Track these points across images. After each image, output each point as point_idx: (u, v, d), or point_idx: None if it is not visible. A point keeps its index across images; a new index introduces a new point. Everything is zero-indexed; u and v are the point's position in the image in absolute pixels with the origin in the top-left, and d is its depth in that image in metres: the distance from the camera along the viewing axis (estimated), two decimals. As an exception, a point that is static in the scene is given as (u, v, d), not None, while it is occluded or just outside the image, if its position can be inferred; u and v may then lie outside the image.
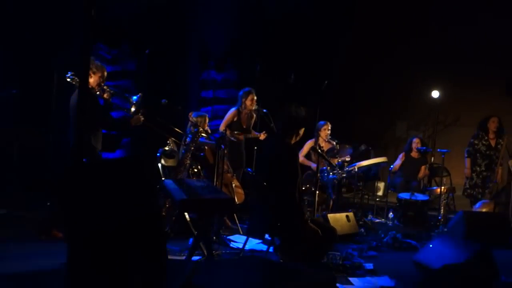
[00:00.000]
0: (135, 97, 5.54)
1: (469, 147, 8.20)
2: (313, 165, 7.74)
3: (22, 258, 4.82)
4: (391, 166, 8.42)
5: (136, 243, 2.70)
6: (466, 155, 8.22)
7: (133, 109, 5.51)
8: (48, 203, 6.34)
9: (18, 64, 7.52)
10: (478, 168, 8.10)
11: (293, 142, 4.94)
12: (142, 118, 5.58)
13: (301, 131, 4.96)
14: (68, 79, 5.38)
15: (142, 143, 7.64)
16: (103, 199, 2.72)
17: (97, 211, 2.71)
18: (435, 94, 9.73)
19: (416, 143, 8.45)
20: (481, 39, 10.01)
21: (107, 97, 5.54)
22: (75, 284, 2.59)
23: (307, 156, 7.96)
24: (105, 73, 5.57)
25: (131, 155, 8.03)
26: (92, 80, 5.45)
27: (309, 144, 7.97)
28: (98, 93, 5.49)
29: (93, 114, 5.29)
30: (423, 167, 8.46)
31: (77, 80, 5.17)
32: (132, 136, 8.04)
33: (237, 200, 6.49)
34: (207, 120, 6.59)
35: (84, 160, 4.09)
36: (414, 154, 8.46)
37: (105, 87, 5.54)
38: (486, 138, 8.10)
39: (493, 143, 8.09)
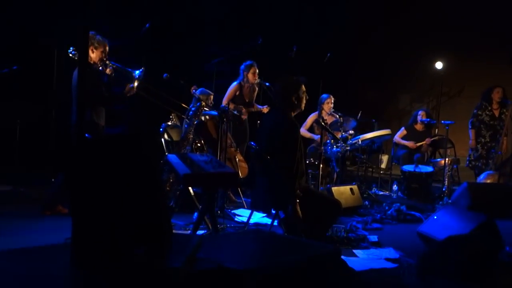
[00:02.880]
0: (137, 72, 5.50)
1: (473, 118, 8.16)
2: (316, 137, 7.74)
3: (27, 233, 4.85)
4: (395, 137, 8.40)
5: (141, 218, 2.70)
6: (470, 126, 8.19)
7: (136, 83, 5.47)
8: (53, 179, 6.37)
9: (19, 40, 7.47)
10: (482, 139, 8.07)
11: (297, 109, 4.79)
12: (135, 89, 5.51)
13: (301, 102, 4.75)
14: (71, 55, 5.35)
15: (145, 118, 7.62)
16: (106, 175, 2.72)
17: (101, 186, 2.70)
18: (439, 65, 9.67)
19: (421, 115, 8.40)
20: (484, 10, 9.90)
21: (110, 72, 5.51)
22: (80, 258, 2.59)
23: (311, 129, 7.94)
24: (107, 48, 5.53)
25: (134, 130, 8.03)
26: (94, 55, 5.42)
27: (312, 117, 7.95)
28: (100, 68, 5.46)
29: (94, 90, 5.26)
30: (427, 139, 8.43)
31: (79, 55, 5.13)
32: (135, 112, 8.01)
33: (241, 174, 6.49)
34: (211, 98, 6.55)
35: (87, 135, 4.09)
36: (418, 126, 8.43)
37: (107, 62, 5.50)
38: (489, 108, 8.06)
39: (496, 113, 8.04)
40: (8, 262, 2.83)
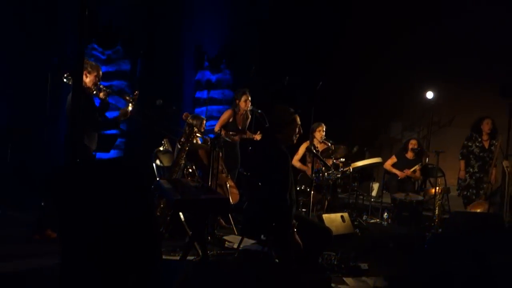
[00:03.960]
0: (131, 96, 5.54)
1: (463, 149, 8.21)
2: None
3: (16, 258, 4.80)
4: (385, 164, 8.44)
5: (130, 244, 2.70)
6: (460, 157, 8.24)
7: (130, 108, 5.51)
8: (42, 203, 6.33)
9: (12, 64, 7.50)
10: (471, 169, 8.12)
11: (288, 142, 4.80)
12: (130, 109, 5.54)
13: (296, 126, 4.69)
14: (65, 80, 5.38)
15: (136, 143, 7.63)
16: (96, 199, 2.72)
17: (91, 211, 2.70)
18: (430, 95, 9.76)
19: (412, 144, 8.46)
20: (475, 41, 10.04)
21: (103, 97, 5.54)
22: (69, 284, 2.58)
23: (302, 158, 7.97)
24: (101, 73, 5.58)
25: (125, 155, 8.02)
26: (88, 79, 5.45)
27: (303, 146, 7.98)
28: (94, 92, 5.49)
29: (86, 114, 5.28)
30: (417, 166, 8.46)
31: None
32: (127, 137, 8.02)
33: (232, 200, 6.48)
34: (204, 123, 6.58)
35: (77, 160, 4.09)
36: (409, 154, 8.47)
37: (101, 86, 5.54)
38: (479, 139, 8.12)
39: (486, 144, 8.10)
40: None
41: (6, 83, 7.21)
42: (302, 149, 7.97)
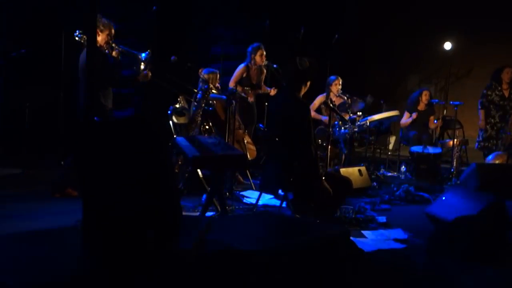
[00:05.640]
0: (143, 54, 5.50)
1: (482, 98, 8.10)
2: (324, 118, 7.73)
3: (37, 216, 4.89)
4: (401, 121, 8.37)
5: (150, 200, 2.72)
6: (479, 107, 8.13)
7: (142, 66, 5.48)
8: (62, 162, 6.41)
9: (26, 23, 7.48)
10: (492, 120, 8.02)
11: (301, 95, 4.82)
12: (150, 74, 5.55)
13: (308, 84, 4.79)
14: (77, 38, 5.35)
15: (153, 101, 7.63)
16: (115, 157, 2.73)
17: (110, 168, 2.71)
18: (447, 46, 9.57)
19: (427, 95, 8.34)
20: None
21: (116, 55, 5.51)
22: (91, 239, 2.62)
23: (318, 110, 7.92)
24: (113, 31, 5.53)
25: (142, 113, 8.04)
26: (100, 38, 5.41)
27: (320, 99, 7.92)
28: (106, 51, 5.45)
29: (102, 72, 5.26)
30: (431, 117, 8.38)
31: (86, 38, 5.12)
32: (143, 94, 8.02)
33: (250, 156, 6.50)
34: (218, 77, 6.54)
35: (95, 118, 4.10)
36: (421, 106, 8.36)
37: (113, 45, 5.50)
38: (499, 88, 8.00)
39: (506, 93, 7.98)
40: (19, 244, 2.86)
41: (20, 42, 7.19)
42: (318, 101, 7.92)
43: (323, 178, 4.59)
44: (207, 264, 2.63)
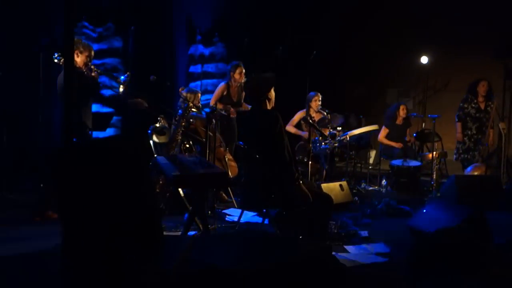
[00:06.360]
0: (123, 77, 5.50)
1: (459, 111, 8.22)
2: (303, 133, 7.76)
3: (17, 240, 4.82)
4: (379, 137, 8.46)
5: (131, 221, 2.70)
6: (456, 119, 8.25)
7: (121, 89, 5.47)
8: (42, 185, 6.33)
9: (3, 45, 7.42)
10: (469, 132, 8.13)
11: (270, 107, 4.86)
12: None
13: (271, 95, 4.81)
14: (55, 60, 5.33)
15: (133, 120, 7.60)
16: (94, 178, 2.71)
17: (89, 190, 2.70)
18: (424, 59, 9.72)
19: (404, 109, 8.45)
20: (468, 3, 9.96)
21: (95, 76, 5.50)
22: (70, 265, 2.59)
23: (298, 126, 7.96)
24: (92, 52, 5.53)
25: (122, 133, 8.00)
26: (79, 59, 5.41)
27: (299, 115, 7.96)
28: (85, 72, 5.45)
29: (81, 92, 5.24)
30: (407, 130, 8.50)
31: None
32: (123, 114, 7.99)
33: (231, 173, 6.50)
34: (199, 96, 6.54)
35: (74, 140, 4.08)
36: (399, 120, 8.46)
37: (92, 67, 5.50)
38: (475, 101, 8.11)
39: (482, 106, 8.11)
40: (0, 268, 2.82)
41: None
42: (297, 117, 7.95)
43: (301, 182, 4.58)
44: (189, 283, 2.62)
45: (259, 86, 4.83)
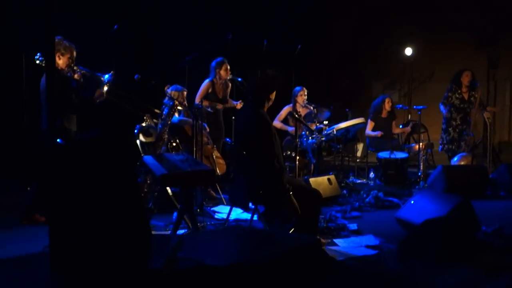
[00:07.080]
0: (107, 76, 5.45)
1: (444, 100, 8.26)
2: (290, 129, 7.75)
3: (5, 244, 4.79)
4: (366, 132, 8.48)
5: (118, 221, 2.69)
6: (442, 108, 8.27)
7: (105, 88, 5.42)
8: (28, 188, 6.28)
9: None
10: (454, 122, 8.18)
11: (266, 108, 4.84)
12: (105, 92, 5.45)
13: (272, 96, 4.80)
14: (38, 61, 5.27)
15: (117, 121, 7.56)
16: (80, 180, 2.70)
17: (76, 192, 2.68)
18: (408, 51, 9.77)
19: (389, 102, 8.47)
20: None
21: (78, 78, 5.44)
22: (59, 266, 2.58)
23: (285, 121, 7.96)
24: (75, 53, 5.47)
25: (107, 134, 7.95)
26: (61, 61, 5.35)
27: (286, 110, 7.96)
28: (69, 74, 5.39)
29: (63, 97, 5.18)
30: (393, 122, 8.53)
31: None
32: (108, 115, 7.94)
33: (219, 170, 6.49)
34: (184, 94, 6.51)
35: (59, 141, 4.05)
36: (384, 113, 8.49)
37: (75, 68, 5.44)
38: (459, 91, 8.17)
39: (466, 96, 8.16)
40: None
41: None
42: (284, 112, 7.94)
43: (291, 193, 4.55)
44: (179, 282, 2.61)
45: (264, 85, 4.79)
